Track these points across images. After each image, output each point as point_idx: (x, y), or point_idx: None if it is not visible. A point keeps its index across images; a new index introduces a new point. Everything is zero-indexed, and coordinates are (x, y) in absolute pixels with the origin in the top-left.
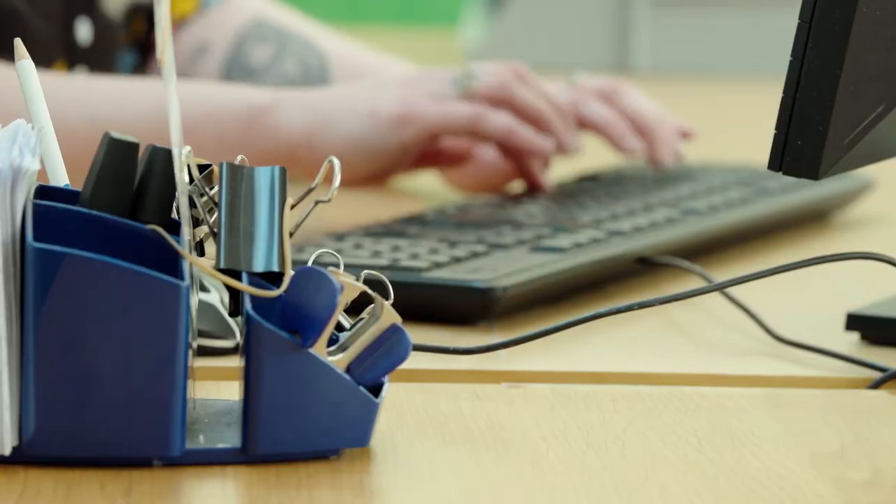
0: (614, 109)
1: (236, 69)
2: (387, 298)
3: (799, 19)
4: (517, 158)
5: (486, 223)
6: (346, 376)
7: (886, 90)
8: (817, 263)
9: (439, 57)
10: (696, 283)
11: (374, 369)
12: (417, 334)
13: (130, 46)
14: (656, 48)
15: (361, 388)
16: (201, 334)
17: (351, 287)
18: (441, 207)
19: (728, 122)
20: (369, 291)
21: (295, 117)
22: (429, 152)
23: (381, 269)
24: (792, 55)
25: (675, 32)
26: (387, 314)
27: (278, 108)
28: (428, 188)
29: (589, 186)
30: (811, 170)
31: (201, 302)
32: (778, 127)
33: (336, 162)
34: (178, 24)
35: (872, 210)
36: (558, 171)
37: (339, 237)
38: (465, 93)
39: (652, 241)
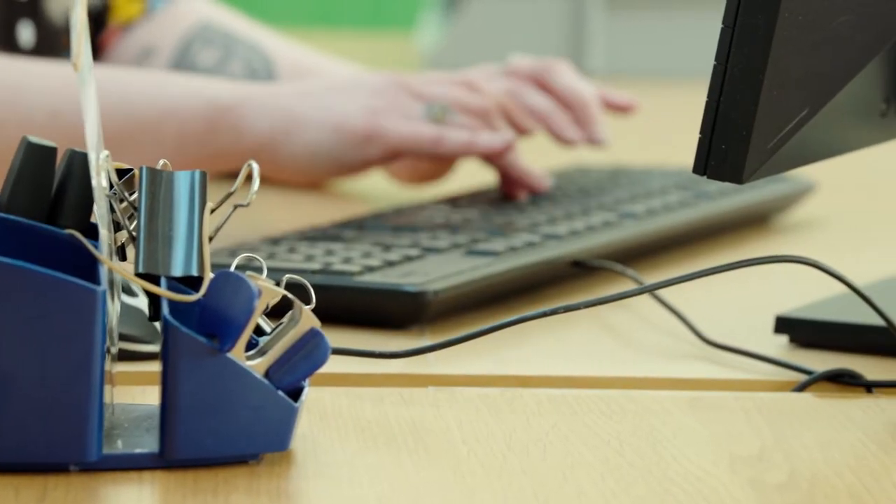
0: (552, 97)
1: (183, 72)
2: (310, 302)
3: (722, 24)
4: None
5: (423, 227)
6: (265, 380)
7: (810, 94)
8: (742, 266)
9: (396, 62)
10: (629, 287)
11: (293, 373)
12: (349, 338)
13: None
14: (611, 51)
15: (280, 393)
16: (127, 338)
17: (269, 291)
18: (379, 211)
19: (682, 124)
20: (288, 295)
21: (260, 121)
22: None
23: (313, 273)
24: (716, 60)
25: (630, 35)
26: (306, 318)
27: (243, 108)
28: (375, 189)
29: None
30: (735, 174)
31: (128, 306)
32: (702, 131)
33: (255, 166)
34: (125, 28)
35: (813, 213)
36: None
37: (274, 241)
38: (434, 122)
39: (587, 245)
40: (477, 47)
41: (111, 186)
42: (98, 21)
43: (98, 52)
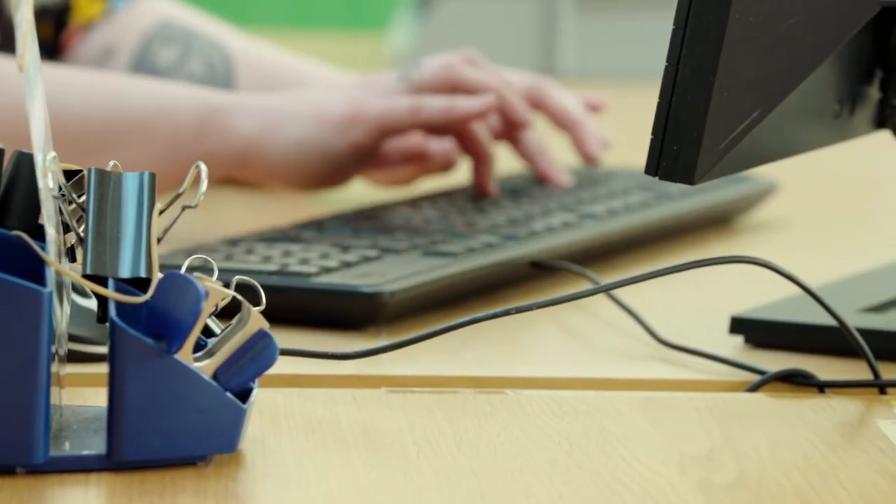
0: (544, 112)
1: (143, 71)
2: (260, 303)
3: (673, 25)
4: (470, 148)
5: (383, 228)
6: (213, 382)
7: (761, 95)
8: (695, 267)
9: (368, 61)
10: (587, 288)
11: (241, 375)
12: (305, 339)
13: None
14: (582, 52)
15: (228, 394)
16: (80, 340)
17: (217, 292)
18: (340, 212)
19: (651, 125)
20: (237, 296)
21: (248, 120)
22: (382, 158)
23: (269, 274)
24: (667, 61)
25: (601, 36)
26: (254, 319)
27: (232, 109)
28: (345, 191)
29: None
30: (686, 174)
31: (81, 307)
32: (654, 132)
33: (203, 167)
34: (86, 27)
35: (775, 214)
36: (463, 176)
37: (232, 242)
38: (411, 86)
39: (546, 246)
40: (448, 48)
41: (60, 188)
42: (59, 21)
43: (59, 52)
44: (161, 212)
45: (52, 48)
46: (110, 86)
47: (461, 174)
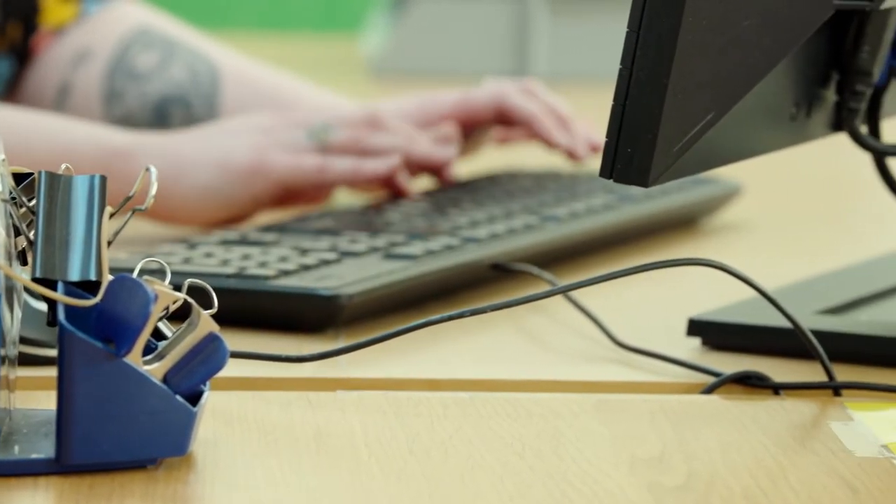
0: (540, 102)
1: (121, 74)
2: (211, 307)
3: (627, 28)
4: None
5: (344, 231)
6: (163, 385)
7: (716, 98)
8: (650, 269)
9: (342, 63)
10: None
11: (191, 378)
12: (263, 342)
13: (6, 53)
14: (554, 55)
15: (178, 397)
16: (34, 343)
17: (166, 295)
18: (303, 215)
19: None
20: (188, 299)
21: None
22: (288, 195)
23: (227, 277)
24: (621, 63)
25: (573, 39)
26: (204, 322)
27: (134, 154)
28: None
29: (455, 193)
30: (641, 177)
31: (35, 310)
32: (608, 135)
33: (153, 170)
34: (57, 31)
35: (740, 215)
36: (423, 180)
37: (192, 245)
38: (319, 145)
39: (507, 248)
40: (422, 50)
41: (10, 191)
42: (28, 24)
43: (30, 56)
44: (111, 215)
45: (21, 52)
46: (16, 125)
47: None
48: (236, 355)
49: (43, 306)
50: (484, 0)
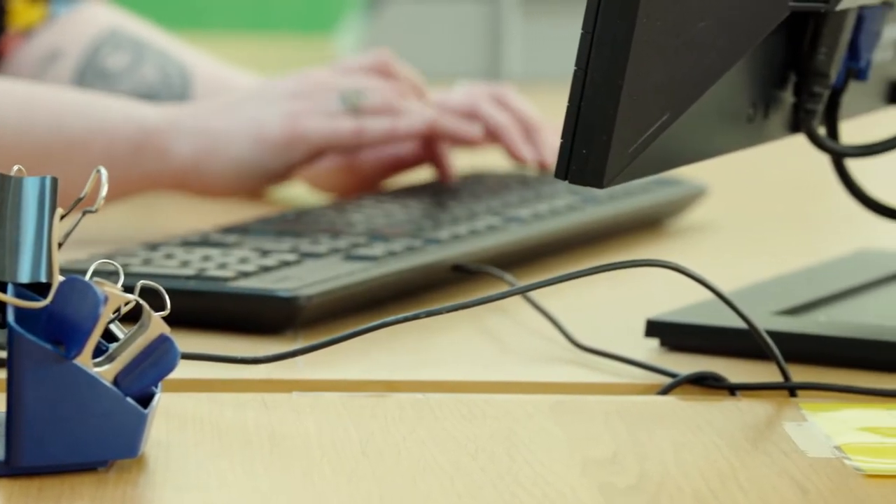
0: (509, 113)
1: (91, 74)
2: (164, 308)
3: (582, 30)
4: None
5: (305, 232)
6: (113, 387)
7: (671, 99)
8: (606, 270)
9: (317, 65)
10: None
11: (141, 379)
12: (222, 344)
13: None
14: (527, 56)
15: (129, 399)
16: None
17: (116, 297)
18: (265, 216)
19: None
20: (139, 301)
21: (184, 142)
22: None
23: (186, 278)
24: (576, 65)
25: (546, 41)
26: (155, 324)
27: (170, 130)
28: (278, 193)
29: (419, 195)
30: (596, 178)
31: None
32: (564, 136)
33: (104, 172)
34: (25, 33)
35: (704, 217)
36: (393, 180)
37: (153, 247)
38: (352, 110)
39: (469, 250)
40: (395, 52)
41: None
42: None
43: (0, 55)
44: (62, 216)
45: None
46: (50, 101)
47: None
48: (191, 357)
49: None
50: (457, 1)
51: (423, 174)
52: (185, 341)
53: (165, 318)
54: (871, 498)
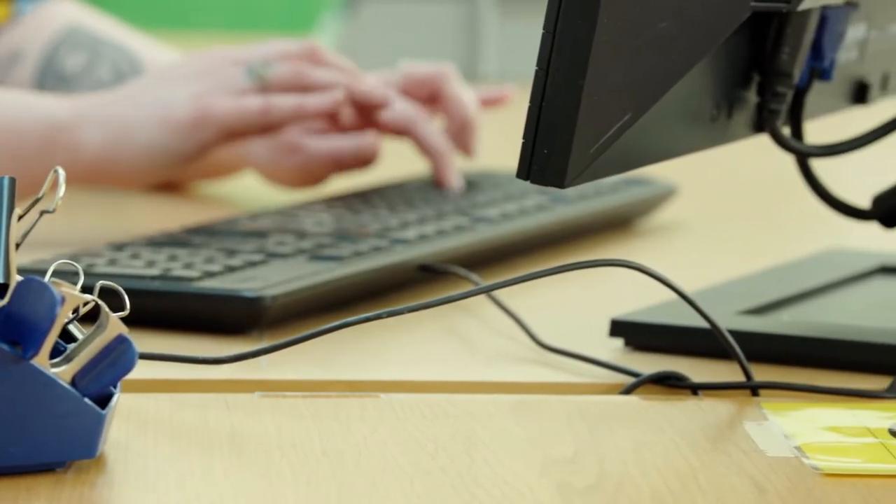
0: (442, 108)
1: (50, 76)
2: (124, 308)
3: (543, 30)
4: (422, 148)
5: (272, 232)
6: (70, 388)
7: (632, 99)
8: (568, 270)
9: None
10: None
11: (99, 380)
12: (186, 344)
13: None
14: (503, 55)
15: (86, 400)
16: None
17: (73, 297)
18: (233, 216)
19: None
20: (98, 301)
21: (93, 135)
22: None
23: (151, 279)
24: (537, 65)
25: (522, 40)
26: (113, 325)
27: (78, 123)
28: (248, 193)
29: (389, 194)
30: (557, 178)
31: None
32: (525, 136)
33: (61, 173)
34: None
35: (674, 216)
36: (358, 181)
37: (119, 247)
38: (260, 83)
39: (436, 250)
40: (372, 50)
41: None
42: None
43: None
44: (20, 217)
45: None
46: None
47: (367, 176)
48: (153, 357)
49: None
50: (434, 1)
51: (392, 174)
52: (151, 341)
53: (127, 318)
54: (828, 497)
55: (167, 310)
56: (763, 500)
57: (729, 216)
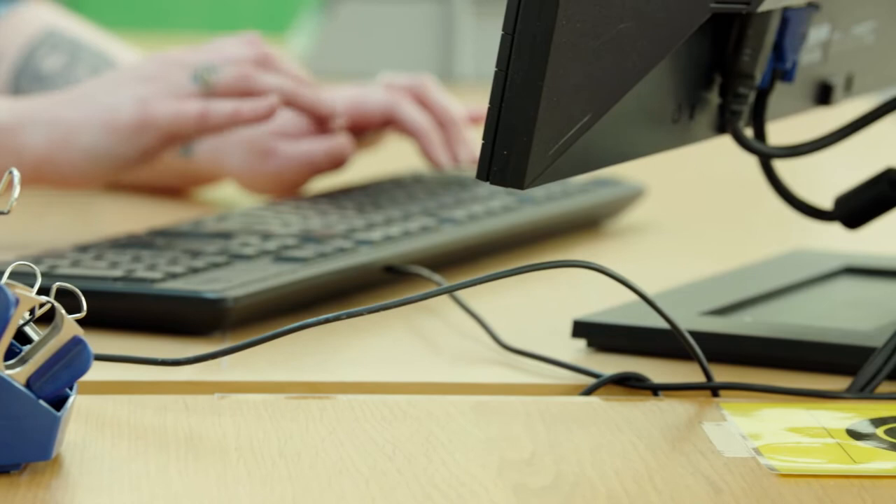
0: (429, 113)
1: (27, 76)
2: (81, 310)
3: (502, 31)
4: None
5: (238, 233)
6: (25, 390)
7: (592, 100)
8: (528, 271)
9: None
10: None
11: (54, 382)
12: (147, 346)
13: None
14: (479, 57)
15: (41, 402)
16: None
17: (28, 299)
18: (200, 218)
19: None
20: (53, 303)
21: (37, 136)
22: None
23: (114, 280)
24: (497, 66)
25: (498, 41)
26: (68, 326)
27: (21, 127)
28: (228, 194)
29: (355, 196)
30: (517, 179)
31: None
32: (485, 137)
33: (16, 174)
34: None
35: (643, 217)
36: (331, 182)
37: (83, 248)
38: (205, 88)
39: (401, 251)
40: (349, 51)
41: None
42: None
43: None
44: None
45: None
46: None
47: (338, 177)
48: (112, 359)
49: None
50: (410, 2)
51: (359, 175)
52: (113, 343)
53: (90, 320)
54: (783, 497)
55: (130, 311)
56: (718, 500)
57: (697, 217)
